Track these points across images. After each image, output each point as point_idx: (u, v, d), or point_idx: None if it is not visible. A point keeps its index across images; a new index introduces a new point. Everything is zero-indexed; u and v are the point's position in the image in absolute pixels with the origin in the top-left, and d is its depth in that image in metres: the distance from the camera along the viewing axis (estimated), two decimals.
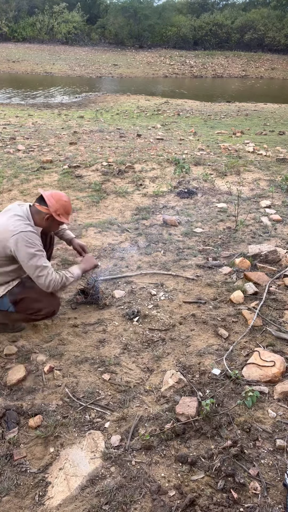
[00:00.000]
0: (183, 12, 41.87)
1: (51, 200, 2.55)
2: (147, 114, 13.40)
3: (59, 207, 2.56)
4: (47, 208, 2.54)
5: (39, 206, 2.57)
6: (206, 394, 2.18)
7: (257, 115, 13.75)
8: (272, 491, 1.72)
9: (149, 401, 2.19)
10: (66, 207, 2.61)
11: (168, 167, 6.41)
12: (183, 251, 3.92)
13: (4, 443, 1.95)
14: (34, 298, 2.59)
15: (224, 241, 4.11)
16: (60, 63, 30.06)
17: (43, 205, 2.56)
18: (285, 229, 4.41)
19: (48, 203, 2.53)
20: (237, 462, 1.82)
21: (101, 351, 2.58)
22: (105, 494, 1.70)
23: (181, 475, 1.79)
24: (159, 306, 3.03)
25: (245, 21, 37.89)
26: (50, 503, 1.69)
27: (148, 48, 39.01)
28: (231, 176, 6.16)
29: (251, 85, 26.46)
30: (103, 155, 6.95)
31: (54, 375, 2.36)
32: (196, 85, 26.08)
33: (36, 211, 2.57)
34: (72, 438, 1.98)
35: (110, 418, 2.09)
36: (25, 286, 2.61)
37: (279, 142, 8.94)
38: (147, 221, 4.61)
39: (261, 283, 3.27)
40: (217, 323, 2.83)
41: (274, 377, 2.29)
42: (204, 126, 11.15)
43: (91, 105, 15.77)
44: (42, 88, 20.41)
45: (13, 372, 2.36)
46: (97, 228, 4.40)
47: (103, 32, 41.00)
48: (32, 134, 8.88)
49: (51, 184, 5.64)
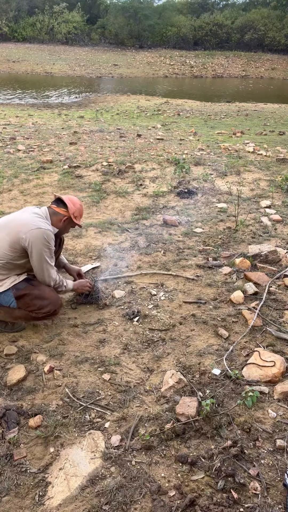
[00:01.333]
0: (183, 12, 41.86)
1: (69, 203, 2.72)
2: (147, 114, 13.40)
3: (75, 210, 2.74)
4: (65, 211, 2.72)
5: (57, 208, 2.71)
6: (206, 394, 2.18)
7: (257, 115, 13.75)
8: (272, 491, 1.72)
9: (149, 401, 2.19)
10: (81, 211, 2.81)
11: (168, 167, 6.41)
12: (183, 251, 3.92)
13: (4, 443, 1.95)
14: (37, 295, 2.65)
15: (224, 241, 4.11)
16: (60, 63, 30.06)
17: (61, 207, 2.71)
18: (285, 229, 4.41)
19: (68, 205, 2.70)
20: (237, 462, 1.82)
21: (101, 351, 2.58)
22: (105, 494, 1.70)
23: (181, 475, 1.79)
24: (159, 306, 3.03)
25: (245, 21, 37.88)
26: (50, 503, 1.69)
27: (148, 48, 39.01)
28: (231, 176, 6.16)
29: (251, 85, 26.45)
30: (103, 155, 6.96)
31: (54, 375, 2.36)
32: (196, 85, 26.08)
33: (53, 212, 2.71)
34: (72, 438, 1.98)
35: (110, 418, 2.09)
36: (30, 283, 2.67)
37: (279, 142, 8.94)
38: (147, 221, 4.61)
39: (261, 283, 3.27)
40: (217, 323, 2.83)
41: (274, 377, 2.29)
42: (204, 126, 11.15)
43: (91, 105, 15.78)
44: (42, 88, 20.41)
45: (13, 372, 2.36)
46: (97, 228, 4.40)
47: (103, 32, 41.00)
48: (32, 134, 8.89)
49: (51, 184, 5.64)
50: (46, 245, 2.54)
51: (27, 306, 2.66)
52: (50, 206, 2.74)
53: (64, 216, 2.71)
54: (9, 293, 2.60)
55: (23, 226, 2.53)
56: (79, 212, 2.79)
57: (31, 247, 2.51)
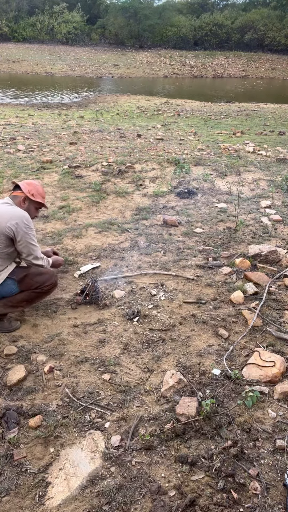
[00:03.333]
0: (183, 12, 41.85)
1: (24, 184, 2.87)
2: (147, 114, 13.41)
3: (31, 188, 2.86)
4: (21, 192, 2.85)
5: (14, 192, 2.89)
6: (206, 394, 2.18)
7: (257, 115, 13.75)
8: (272, 491, 1.72)
9: (149, 401, 2.19)
10: (37, 189, 2.91)
11: (168, 167, 6.41)
12: (183, 251, 3.92)
13: (4, 443, 1.95)
14: (36, 272, 2.86)
15: (224, 241, 4.12)
16: (60, 63, 30.06)
17: (17, 190, 2.88)
18: (285, 229, 4.41)
19: (21, 187, 2.84)
20: (237, 462, 1.82)
21: (101, 351, 2.58)
22: (105, 494, 1.70)
23: (181, 475, 1.79)
24: (159, 306, 3.03)
25: (245, 21, 37.85)
26: (50, 503, 1.69)
27: (148, 48, 39.00)
28: (231, 176, 6.16)
29: (251, 85, 26.45)
30: (103, 155, 6.96)
31: (54, 375, 2.36)
32: (196, 85, 26.07)
33: (13, 196, 2.87)
34: (72, 438, 1.98)
35: (110, 418, 2.09)
36: (25, 266, 2.90)
37: (279, 142, 8.94)
38: (147, 221, 4.61)
39: (261, 283, 3.27)
40: (217, 323, 2.83)
41: (274, 377, 2.29)
42: (204, 126, 11.16)
43: (91, 105, 15.77)
44: (42, 88, 20.41)
45: (13, 372, 2.36)
46: (97, 228, 4.40)
47: (103, 32, 41.00)
48: (32, 134, 8.89)
49: (51, 184, 5.65)
50: (28, 227, 2.69)
51: (30, 286, 2.83)
52: (11, 194, 2.88)
53: (21, 197, 2.81)
54: (8, 282, 2.73)
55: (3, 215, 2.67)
56: (36, 190, 2.88)
57: (16, 233, 2.65)
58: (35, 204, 2.89)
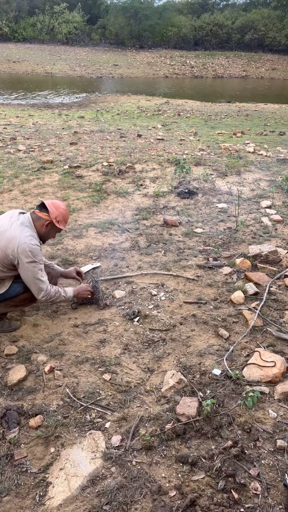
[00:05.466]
0: (184, 12, 41.86)
1: (52, 207, 2.70)
2: (147, 114, 13.41)
3: (58, 214, 2.71)
4: (47, 215, 2.69)
5: (40, 212, 2.71)
6: (207, 395, 2.18)
7: (258, 115, 13.76)
8: (272, 492, 1.72)
9: (149, 401, 2.19)
10: (64, 215, 2.77)
11: (169, 167, 6.41)
12: (183, 251, 3.92)
13: (4, 443, 1.95)
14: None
15: (224, 242, 4.12)
16: (60, 63, 30.06)
17: (44, 212, 2.70)
18: (286, 230, 4.41)
19: (49, 209, 2.69)
20: (238, 462, 1.82)
21: (102, 351, 2.58)
22: (105, 494, 1.70)
23: (182, 475, 1.79)
24: (159, 306, 3.03)
25: (245, 21, 37.85)
26: (50, 503, 1.69)
27: (149, 48, 39.00)
28: (231, 176, 6.16)
29: (251, 85, 26.45)
30: (103, 155, 6.96)
31: (55, 375, 2.36)
32: (196, 85, 26.07)
33: (36, 217, 2.71)
34: (72, 438, 1.98)
35: (111, 418, 2.09)
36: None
37: (280, 142, 8.94)
38: (148, 221, 4.61)
39: (262, 284, 3.27)
40: (218, 323, 2.83)
41: (275, 377, 2.29)
42: (205, 126, 11.16)
43: (92, 105, 15.78)
44: (42, 88, 20.41)
45: (14, 372, 2.36)
46: (97, 228, 4.41)
47: (104, 33, 41.00)
48: (33, 134, 8.89)
49: (52, 185, 5.65)
50: (32, 260, 2.54)
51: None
52: (34, 211, 2.74)
53: (46, 221, 2.68)
54: (14, 285, 2.69)
55: (9, 242, 2.54)
56: (63, 217, 2.74)
57: (19, 263, 2.56)
58: (57, 229, 2.77)
